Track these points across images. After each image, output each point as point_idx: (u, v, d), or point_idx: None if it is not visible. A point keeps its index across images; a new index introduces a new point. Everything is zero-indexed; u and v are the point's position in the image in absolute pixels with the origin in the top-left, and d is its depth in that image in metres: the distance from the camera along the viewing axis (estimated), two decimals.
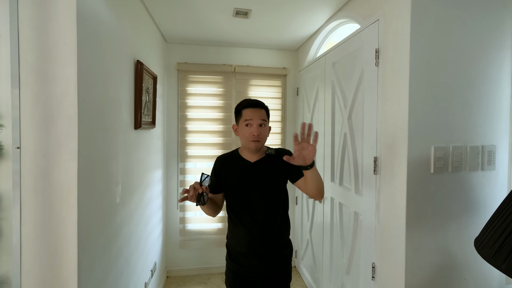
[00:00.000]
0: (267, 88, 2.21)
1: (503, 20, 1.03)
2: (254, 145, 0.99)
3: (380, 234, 1.13)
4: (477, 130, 1.02)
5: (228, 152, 1.13)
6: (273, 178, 1.03)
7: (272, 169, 1.03)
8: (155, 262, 1.80)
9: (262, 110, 1.01)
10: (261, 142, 1.00)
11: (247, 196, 1.02)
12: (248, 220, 1.02)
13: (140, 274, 1.47)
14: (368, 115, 1.24)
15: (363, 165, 1.28)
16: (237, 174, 1.04)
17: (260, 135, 0.99)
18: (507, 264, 0.54)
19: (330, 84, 1.63)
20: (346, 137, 1.45)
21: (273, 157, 1.05)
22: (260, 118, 0.99)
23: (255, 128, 0.98)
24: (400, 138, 1.01)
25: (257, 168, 1.03)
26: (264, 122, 1.00)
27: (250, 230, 1.02)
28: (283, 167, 1.03)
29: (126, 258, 1.24)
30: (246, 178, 1.03)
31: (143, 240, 1.53)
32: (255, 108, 1.00)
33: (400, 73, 1.01)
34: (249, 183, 1.02)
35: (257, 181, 1.02)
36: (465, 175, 1.02)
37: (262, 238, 1.02)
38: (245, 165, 1.04)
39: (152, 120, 1.63)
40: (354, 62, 1.36)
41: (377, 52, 1.16)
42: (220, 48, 2.13)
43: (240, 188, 1.03)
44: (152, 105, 1.62)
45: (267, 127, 1.03)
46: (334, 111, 1.61)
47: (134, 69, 1.34)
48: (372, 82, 1.20)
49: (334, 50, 1.58)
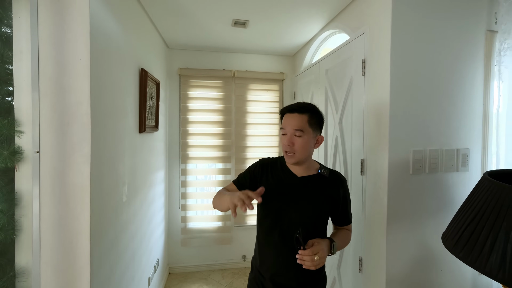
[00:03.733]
0: (265, 92, 2.30)
1: (476, 34, 1.13)
2: (287, 158, 0.85)
3: (366, 230, 1.23)
4: (452, 134, 1.12)
5: (273, 158, 0.96)
6: (318, 202, 0.86)
7: (320, 191, 0.87)
8: (157, 259, 1.89)
9: (302, 115, 0.83)
10: (296, 155, 0.83)
11: (283, 214, 0.86)
12: (278, 243, 0.86)
13: (144, 269, 1.57)
14: (356, 120, 1.34)
15: (352, 166, 1.37)
16: (278, 185, 0.87)
17: (293, 147, 0.82)
18: (464, 253, 0.65)
19: (324, 89, 1.72)
20: (338, 140, 1.55)
21: (325, 179, 0.89)
22: (294, 126, 0.82)
23: (288, 138, 0.83)
24: (382, 142, 1.10)
25: (303, 185, 0.87)
26: (300, 133, 0.82)
27: (277, 253, 0.86)
28: (334, 196, 0.88)
29: (132, 253, 1.33)
30: (286, 193, 0.86)
31: (147, 237, 1.62)
32: (291, 113, 0.84)
33: (382, 82, 1.11)
34: (289, 199, 0.86)
35: (299, 199, 0.85)
36: (441, 176, 1.11)
37: (289, 266, 0.83)
38: (290, 178, 0.88)
39: (155, 124, 1.72)
40: (345, 70, 1.45)
41: (363, 63, 1.25)
42: (220, 54, 2.22)
43: (277, 203, 0.86)
44: (155, 110, 1.71)
45: (310, 136, 0.83)
46: (327, 115, 1.70)
47: (139, 77, 1.43)
48: (359, 90, 1.30)
49: (327, 58, 1.67)
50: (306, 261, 0.73)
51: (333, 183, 0.89)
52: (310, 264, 0.73)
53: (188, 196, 2.21)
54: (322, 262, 0.75)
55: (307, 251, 0.74)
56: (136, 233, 1.41)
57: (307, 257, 0.73)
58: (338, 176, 0.92)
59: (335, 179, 0.91)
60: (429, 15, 1.08)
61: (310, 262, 0.73)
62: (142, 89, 1.44)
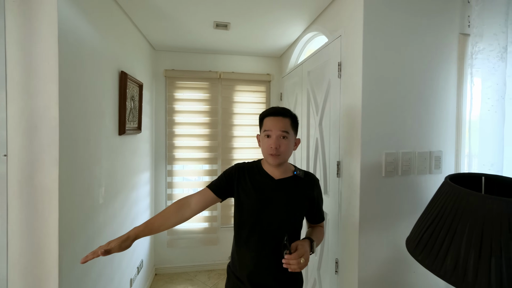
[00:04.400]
0: (252, 93, 2.30)
1: (449, 37, 1.13)
2: (273, 159, 0.85)
3: (342, 232, 1.24)
4: (425, 137, 1.12)
5: (247, 162, 0.96)
6: (296, 203, 0.89)
7: (297, 192, 0.89)
8: (141, 260, 1.90)
9: (286, 119, 0.86)
10: (281, 156, 0.85)
11: (262, 217, 0.86)
12: (257, 245, 0.86)
13: (125, 271, 1.57)
14: (333, 122, 1.34)
15: (330, 168, 1.38)
16: (256, 188, 0.88)
17: (280, 149, 0.84)
18: (422, 256, 0.65)
19: (306, 91, 1.73)
20: (318, 141, 1.55)
21: (300, 180, 0.91)
22: (281, 128, 0.85)
23: (274, 140, 0.84)
24: (355, 144, 1.11)
25: (281, 187, 0.88)
26: (286, 134, 0.85)
27: (257, 256, 0.86)
28: (310, 196, 0.91)
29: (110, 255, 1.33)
30: (265, 196, 0.87)
31: None
32: (276, 116, 0.86)
33: (355, 85, 1.11)
34: (268, 202, 0.87)
35: (278, 201, 0.87)
36: (414, 178, 1.12)
37: (269, 268, 0.86)
38: (267, 181, 0.89)
39: (138, 126, 1.72)
40: (324, 72, 1.46)
41: (339, 65, 1.26)
42: (206, 55, 2.23)
43: (256, 206, 0.87)
44: (138, 111, 1.72)
45: (292, 139, 0.88)
46: (309, 116, 1.71)
47: (119, 79, 1.44)
48: (336, 92, 1.30)
49: (309, 60, 1.67)
50: (292, 265, 0.75)
51: (308, 183, 0.93)
52: (296, 267, 0.75)
53: (175, 197, 2.22)
54: (307, 263, 0.77)
55: (294, 255, 0.75)
56: (115, 235, 1.41)
57: (293, 261, 0.74)
58: (312, 177, 0.96)
59: (309, 180, 0.94)
60: (402, 18, 1.08)
61: (297, 265, 0.74)
62: (122, 91, 1.44)
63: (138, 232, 0.82)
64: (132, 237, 0.81)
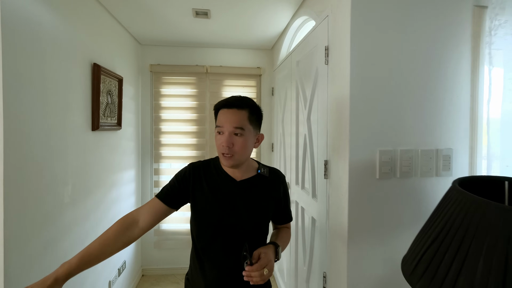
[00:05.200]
0: (242, 88, 2.18)
1: (461, 11, 0.93)
2: (225, 160, 0.72)
3: (330, 242, 1.09)
4: (430, 132, 0.94)
5: (205, 160, 0.82)
6: (262, 206, 0.78)
7: (262, 194, 0.79)
8: (124, 261, 1.83)
9: (242, 112, 0.71)
10: (235, 157, 0.71)
11: (224, 224, 0.75)
12: (218, 256, 0.75)
13: (102, 272, 1.50)
14: (321, 116, 1.19)
15: (317, 168, 1.23)
16: (215, 192, 0.76)
17: (234, 148, 0.70)
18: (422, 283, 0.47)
19: (295, 83, 1.58)
20: (306, 138, 1.41)
21: (265, 179, 0.81)
22: (234, 124, 0.70)
23: (226, 137, 0.70)
24: (343, 141, 0.96)
25: (244, 189, 0.77)
26: (240, 131, 0.70)
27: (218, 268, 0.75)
28: (276, 196, 0.82)
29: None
30: (226, 201, 0.75)
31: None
32: (230, 109, 0.72)
33: (343, 71, 0.96)
34: (230, 208, 0.75)
35: (241, 207, 0.75)
36: (416, 181, 0.94)
37: (233, 281, 0.75)
38: (229, 184, 0.77)
39: (118, 122, 1.65)
40: (312, 60, 1.31)
41: (326, 50, 1.11)
42: (193, 49, 2.13)
43: (216, 212, 0.75)
44: (118, 107, 1.64)
45: (250, 135, 0.73)
46: (298, 111, 1.56)
47: (91, 72, 1.35)
48: (323, 81, 1.15)
49: (297, 48, 1.53)
50: (254, 277, 0.64)
51: (273, 182, 0.83)
52: (259, 279, 0.64)
53: None
54: (271, 274, 0.68)
55: (255, 266, 0.65)
56: (87, 236, 1.34)
57: (255, 273, 0.64)
58: (277, 173, 0.86)
59: (275, 178, 0.84)
60: None
61: (259, 278, 0.64)
62: (95, 85, 1.36)
63: (71, 271, 0.62)
64: (61, 278, 0.60)
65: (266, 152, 2.24)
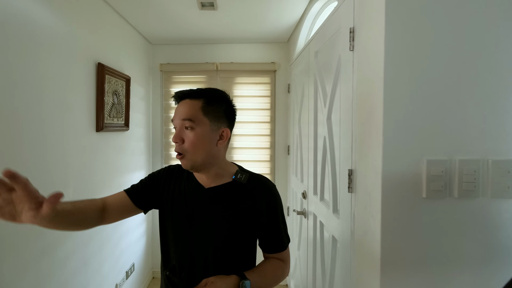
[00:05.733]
0: (254, 85, 2.01)
1: None
2: (181, 162, 0.62)
3: (356, 274, 0.85)
4: (504, 136, 0.67)
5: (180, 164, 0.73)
6: (232, 220, 0.64)
7: (235, 205, 0.64)
8: (133, 263, 1.78)
9: (194, 101, 0.60)
10: (187, 157, 0.60)
11: (184, 239, 0.64)
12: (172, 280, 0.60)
13: (108, 276, 1.46)
14: (344, 114, 0.97)
15: (340, 178, 1.00)
16: (179, 200, 0.66)
17: (184, 145, 0.59)
18: None
19: (313, 78, 1.37)
20: (326, 141, 1.18)
21: (242, 188, 0.66)
22: (182, 115, 0.60)
23: (175, 133, 0.61)
24: (374, 145, 0.73)
25: (212, 198, 0.65)
26: (190, 123, 0.59)
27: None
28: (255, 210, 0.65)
29: (81, 261, 1.22)
30: (190, 211, 0.64)
31: (112, 242, 1.51)
32: (182, 100, 0.62)
33: (374, 55, 0.74)
34: (193, 219, 0.64)
35: (205, 219, 0.64)
36: (484, 204, 0.67)
37: None
38: (195, 191, 0.66)
39: (125, 122, 1.59)
40: (333, 48, 1.09)
41: (351, 33, 0.89)
42: (203, 46, 2.04)
43: (177, 224, 0.65)
44: (125, 107, 1.57)
45: (205, 129, 0.60)
46: (317, 110, 1.34)
47: (96, 71, 1.30)
48: (347, 72, 0.93)
49: (316, 37, 1.31)
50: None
51: (252, 192, 0.66)
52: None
53: None
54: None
55: None
56: (90, 240, 1.30)
57: None
58: (260, 182, 0.69)
59: (256, 186, 0.67)
60: None
61: None
62: (99, 85, 1.30)
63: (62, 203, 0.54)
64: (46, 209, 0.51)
65: (281, 155, 2.03)
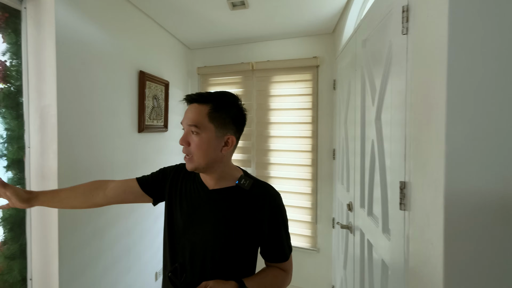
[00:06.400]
0: (294, 83, 1.89)
1: None
2: (186, 163, 0.65)
3: None
4: None
5: None
6: (232, 224, 0.64)
7: (235, 210, 0.64)
8: None
9: (202, 106, 0.62)
10: (193, 158, 0.62)
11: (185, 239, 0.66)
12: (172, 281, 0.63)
13: (148, 264, 1.61)
14: (396, 114, 0.78)
15: (390, 191, 0.82)
16: (183, 200, 0.68)
17: (190, 148, 0.62)
18: None
19: (360, 71, 1.17)
20: (374, 145, 0.99)
21: (244, 194, 0.66)
22: (189, 120, 0.62)
23: (183, 135, 0.64)
24: (434, 154, 0.56)
25: (213, 200, 0.66)
26: (195, 129, 0.61)
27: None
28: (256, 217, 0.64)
29: (125, 246, 1.39)
30: (192, 210, 0.66)
31: (152, 234, 1.67)
32: (190, 104, 0.64)
33: (435, 38, 0.55)
34: (194, 220, 0.65)
35: (205, 220, 0.65)
36: None
37: None
38: (199, 191, 0.68)
39: (164, 124, 1.75)
40: (383, 34, 0.90)
41: (404, 12, 0.70)
42: (238, 46, 2.02)
43: (179, 223, 0.67)
44: (164, 110, 1.74)
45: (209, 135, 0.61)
46: (364, 108, 1.14)
47: (138, 79, 1.47)
48: (400, 61, 0.74)
49: (363, 23, 1.12)
50: None
51: (255, 199, 0.66)
52: None
53: None
54: None
55: None
56: (134, 228, 1.47)
57: None
58: (264, 190, 0.68)
59: (258, 193, 0.67)
60: None
61: None
62: (141, 90, 1.48)
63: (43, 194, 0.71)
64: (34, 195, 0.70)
65: (325, 159, 1.86)
